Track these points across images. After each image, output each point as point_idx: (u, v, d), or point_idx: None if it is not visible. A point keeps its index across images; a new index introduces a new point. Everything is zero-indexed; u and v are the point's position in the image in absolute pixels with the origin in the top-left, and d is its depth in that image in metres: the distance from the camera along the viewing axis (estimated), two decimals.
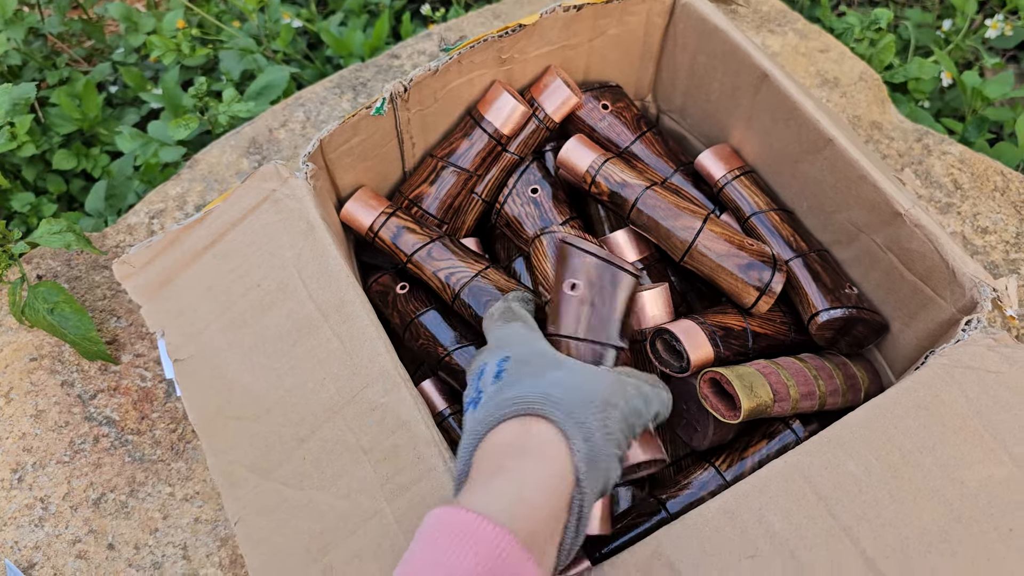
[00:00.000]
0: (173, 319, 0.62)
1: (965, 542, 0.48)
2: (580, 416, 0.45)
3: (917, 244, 0.60)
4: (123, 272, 0.64)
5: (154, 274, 0.64)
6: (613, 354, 0.53)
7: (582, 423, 0.45)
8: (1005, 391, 0.53)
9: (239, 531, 0.55)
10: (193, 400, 0.60)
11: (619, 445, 0.47)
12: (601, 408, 0.46)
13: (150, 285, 0.63)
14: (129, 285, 0.64)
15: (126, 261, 0.64)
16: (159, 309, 0.63)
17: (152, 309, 0.63)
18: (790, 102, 0.65)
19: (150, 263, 0.64)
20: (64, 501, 0.71)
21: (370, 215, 0.68)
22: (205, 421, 0.59)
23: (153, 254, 0.64)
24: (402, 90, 0.66)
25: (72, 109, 1.14)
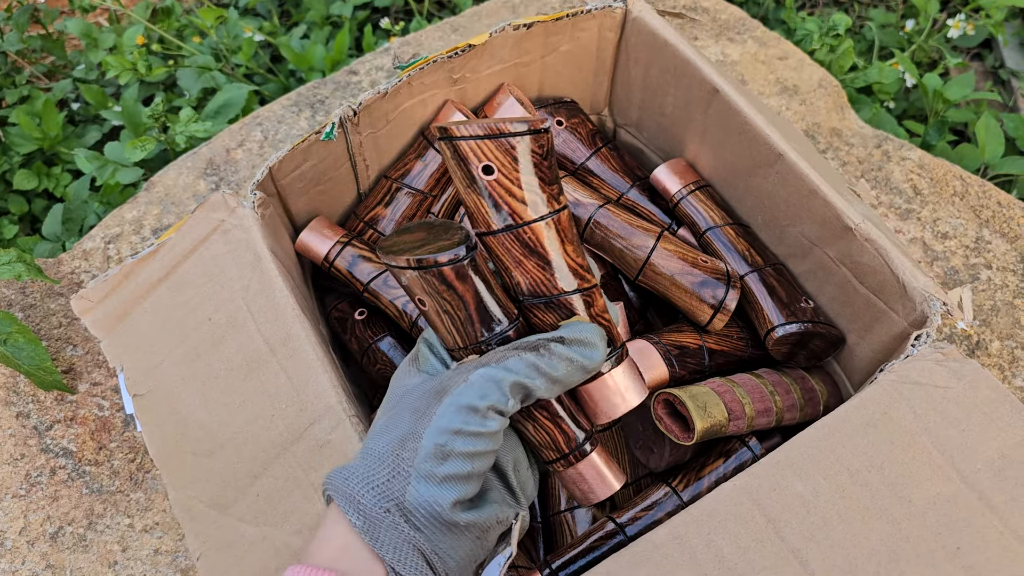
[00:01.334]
0: (131, 353, 0.62)
1: (913, 562, 0.48)
2: (351, 487, 0.41)
3: (868, 258, 0.60)
4: (81, 307, 0.63)
5: (111, 308, 0.63)
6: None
7: (350, 496, 0.41)
8: (953, 407, 0.53)
9: (201, 566, 0.55)
10: (153, 435, 0.59)
11: (428, 470, 0.41)
12: (392, 456, 0.42)
13: (108, 319, 0.63)
14: (88, 320, 0.63)
15: (84, 296, 0.63)
16: (118, 343, 0.63)
17: (111, 343, 0.62)
18: (740, 117, 0.65)
19: (107, 297, 0.63)
20: (20, 536, 0.70)
21: (325, 245, 0.68)
22: (165, 456, 0.59)
23: (110, 288, 0.63)
24: (351, 114, 0.65)
25: (32, 128, 1.13)
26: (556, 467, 0.49)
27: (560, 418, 0.48)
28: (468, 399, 0.42)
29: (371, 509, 0.40)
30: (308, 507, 0.53)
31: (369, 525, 0.40)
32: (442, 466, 0.41)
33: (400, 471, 0.42)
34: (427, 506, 0.41)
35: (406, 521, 0.41)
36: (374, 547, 0.40)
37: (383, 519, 0.40)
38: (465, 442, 0.42)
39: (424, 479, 0.41)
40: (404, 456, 0.42)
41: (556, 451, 0.48)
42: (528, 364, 0.43)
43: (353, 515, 0.40)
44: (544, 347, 0.44)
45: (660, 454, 0.61)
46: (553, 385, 0.44)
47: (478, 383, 0.42)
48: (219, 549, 0.55)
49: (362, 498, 0.41)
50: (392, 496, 0.41)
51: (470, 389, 0.42)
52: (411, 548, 0.40)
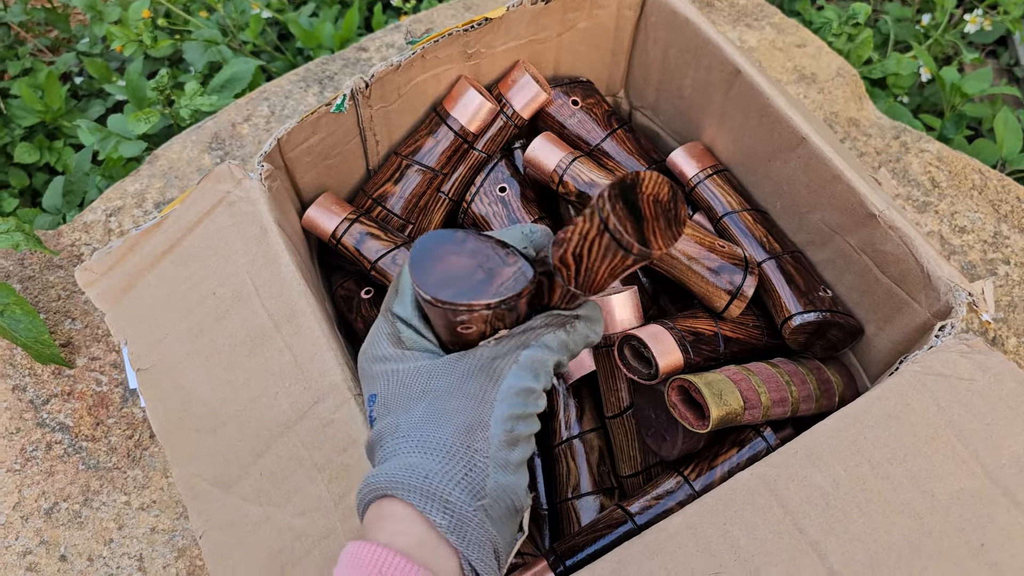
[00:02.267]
0: (135, 327, 0.60)
1: (935, 557, 0.47)
2: (435, 485, 0.39)
3: (891, 246, 0.58)
4: (85, 279, 0.62)
5: (115, 280, 0.62)
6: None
7: (434, 494, 0.39)
8: (978, 399, 0.51)
9: (204, 545, 0.54)
10: (156, 411, 0.58)
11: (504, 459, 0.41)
12: (463, 448, 0.40)
13: (112, 291, 0.61)
14: (92, 292, 0.61)
15: (88, 268, 0.62)
16: (122, 317, 0.61)
17: (115, 317, 0.61)
18: (763, 98, 0.63)
19: (111, 269, 0.62)
20: (14, 511, 0.68)
21: (332, 221, 0.66)
22: (167, 432, 0.57)
23: (114, 260, 0.62)
24: (363, 86, 0.63)
25: (34, 101, 1.11)
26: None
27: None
28: (526, 382, 0.42)
29: (461, 508, 0.39)
30: (311, 488, 0.51)
31: (457, 524, 0.38)
32: (513, 452, 0.41)
33: (476, 464, 0.40)
34: (506, 496, 0.40)
35: (488, 518, 0.39)
36: (459, 546, 0.38)
37: (472, 517, 0.39)
38: (526, 425, 0.42)
39: (502, 469, 0.40)
40: (477, 447, 0.40)
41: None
42: (560, 342, 0.44)
43: (438, 514, 0.38)
44: (570, 325, 0.45)
45: (672, 442, 0.60)
46: (571, 359, 0.46)
47: (529, 365, 0.43)
48: (222, 528, 0.53)
49: (450, 496, 0.39)
50: (476, 491, 0.39)
51: (525, 372, 0.42)
52: (490, 543, 0.39)
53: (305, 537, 0.50)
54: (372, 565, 0.36)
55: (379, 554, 0.37)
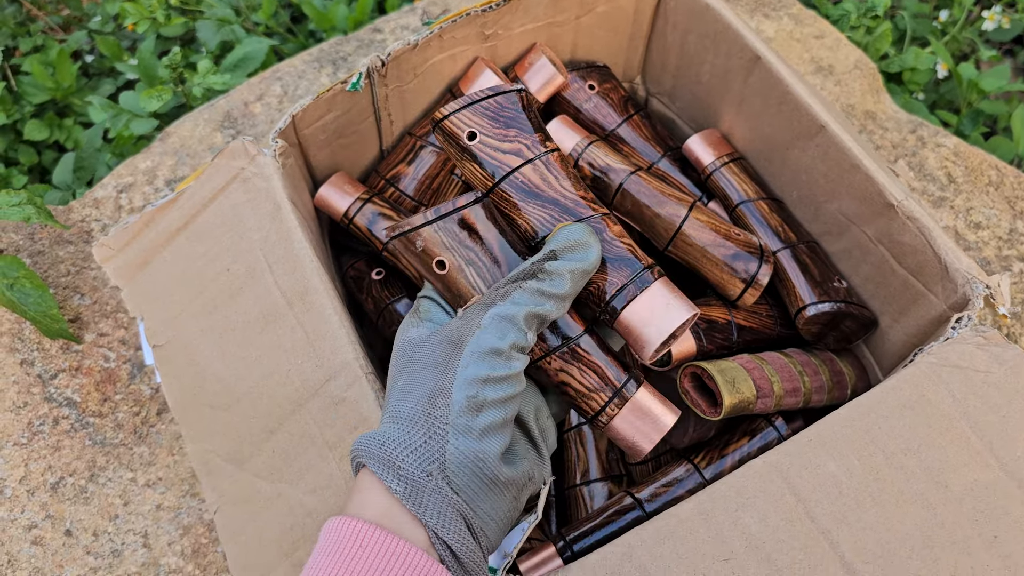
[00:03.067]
0: (151, 303, 0.60)
1: (948, 548, 0.46)
2: (391, 452, 0.39)
3: (909, 237, 0.58)
4: (103, 255, 0.62)
5: (132, 256, 0.61)
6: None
7: (389, 461, 0.39)
8: (994, 392, 0.51)
9: (218, 520, 0.54)
10: (171, 386, 0.58)
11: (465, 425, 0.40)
12: (424, 416, 0.40)
13: (129, 267, 0.61)
14: (109, 268, 0.61)
15: (105, 244, 0.62)
16: (138, 292, 0.61)
17: (132, 292, 0.61)
18: (782, 86, 0.63)
19: (128, 245, 0.62)
20: (20, 485, 0.68)
21: (345, 201, 0.66)
22: (182, 408, 0.58)
23: (130, 236, 0.62)
24: (379, 65, 0.63)
25: (45, 78, 1.10)
26: (604, 416, 0.46)
27: (601, 354, 0.47)
28: (489, 343, 0.40)
29: (413, 473, 0.39)
30: (323, 466, 0.51)
31: (411, 490, 0.38)
32: (478, 418, 0.40)
33: (436, 431, 0.39)
34: (471, 463, 0.39)
35: (448, 484, 0.39)
36: (416, 512, 0.38)
37: (426, 483, 0.38)
38: (496, 389, 0.40)
39: (463, 435, 0.39)
40: (436, 415, 0.40)
41: (608, 390, 0.46)
42: (532, 292, 0.42)
43: (393, 481, 0.38)
44: (540, 270, 0.43)
45: (683, 430, 0.59)
46: (563, 302, 0.43)
47: (493, 325, 0.41)
48: (235, 504, 0.53)
49: (403, 463, 0.39)
50: (433, 458, 0.39)
51: (488, 333, 0.41)
52: (454, 512, 0.38)
53: (316, 515, 0.50)
54: (349, 538, 0.37)
55: (353, 526, 0.37)
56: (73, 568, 0.65)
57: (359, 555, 0.37)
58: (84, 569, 0.65)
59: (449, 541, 0.38)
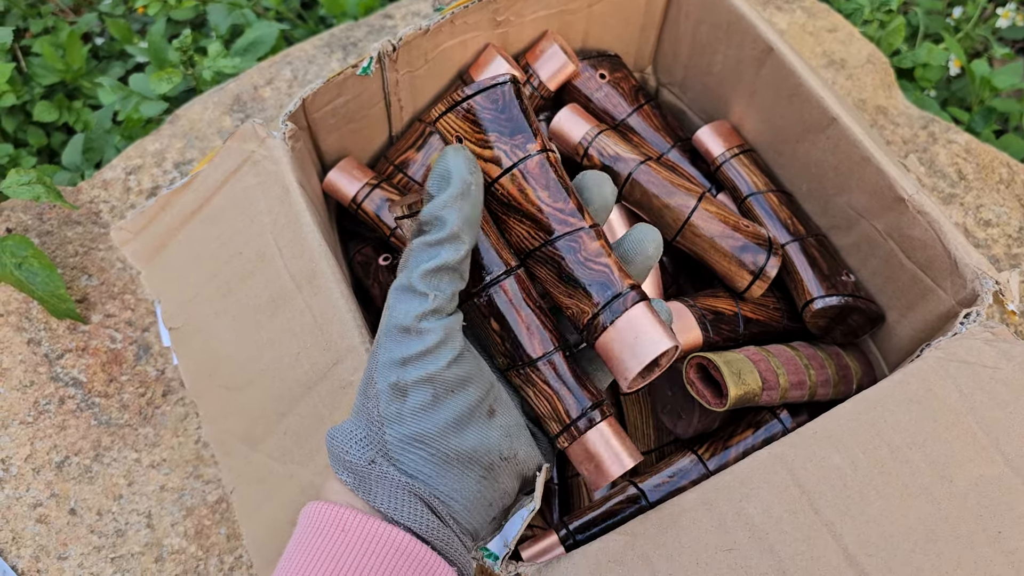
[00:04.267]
0: (167, 285, 0.61)
1: (951, 543, 0.46)
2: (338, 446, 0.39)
3: (919, 232, 0.57)
4: (121, 238, 0.62)
5: (149, 239, 0.62)
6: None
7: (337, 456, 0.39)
8: (1001, 388, 0.50)
9: (235, 500, 0.55)
10: (188, 368, 0.59)
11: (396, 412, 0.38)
12: (363, 408, 0.39)
13: (146, 250, 0.62)
14: (127, 251, 0.62)
15: (123, 227, 0.62)
16: (155, 275, 0.61)
17: (149, 275, 0.61)
18: (794, 78, 0.62)
19: (145, 228, 0.62)
20: (26, 463, 0.68)
21: (353, 186, 0.66)
22: (199, 389, 0.58)
23: (147, 219, 0.62)
24: (391, 49, 0.63)
25: (55, 59, 1.10)
26: (560, 442, 0.44)
27: (561, 383, 0.44)
28: (395, 321, 0.39)
29: (357, 464, 0.38)
30: None
31: (359, 480, 0.38)
32: (406, 403, 0.38)
33: (373, 420, 0.39)
34: (413, 447, 0.38)
35: (396, 469, 0.38)
36: (367, 499, 0.38)
37: (370, 471, 0.38)
38: (416, 368, 0.38)
39: (396, 423, 0.38)
40: (370, 406, 0.39)
41: (558, 422, 0.44)
42: (420, 248, 0.39)
43: (343, 473, 0.39)
44: (423, 222, 0.40)
45: (688, 420, 0.59)
46: (457, 240, 0.39)
47: (393, 300, 0.39)
48: (250, 484, 0.54)
49: (347, 455, 0.39)
50: (375, 445, 0.39)
51: (391, 311, 0.39)
52: (406, 494, 0.38)
53: None
54: (331, 522, 0.37)
55: (330, 510, 0.37)
56: (77, 546, 0.66)
57: (342, 538, 0.37)
58: (88, 548, 0.66)
59: (407, 523, 0.37)
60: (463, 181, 0.39)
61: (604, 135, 0.65)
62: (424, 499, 0.38)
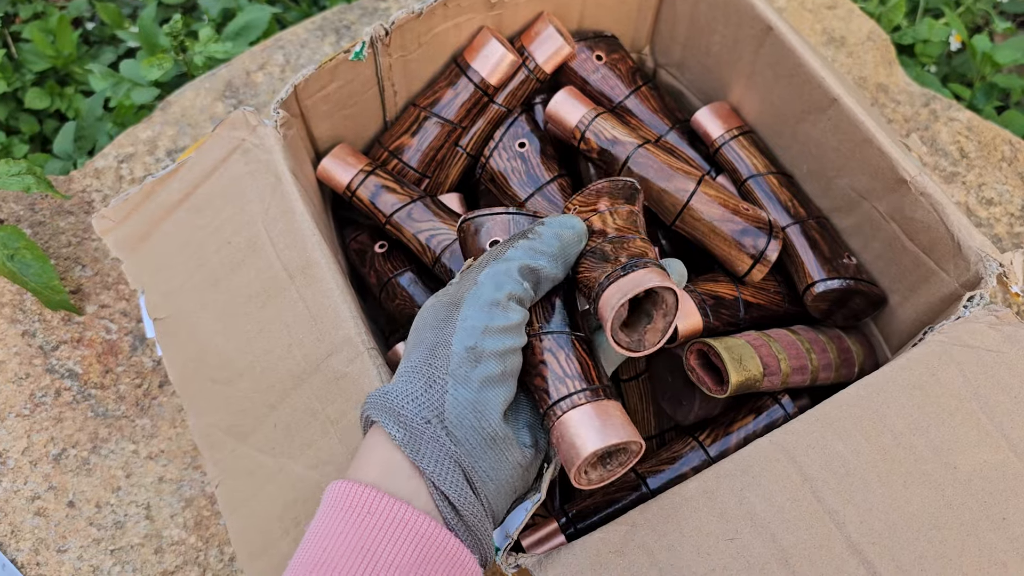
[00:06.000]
0: (152, 275, 0.60)
1: (955, 529, 0.46)
2: (392, 401, 0.40)
3: (922, 213, 0.57)
4: (103, 226, 0.61)
5: (133, 228, 0.61)
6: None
7: (391, 408, 0.39)
8: (1005, 372, 0.50)
9: (219, 494, 0.54)
10: (173, 360, 0.58)
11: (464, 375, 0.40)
12: (425, 367, 0.40)
13: (129, 240, 0.61)
14: (109, 240, 0.61)
15: (105, 215, 0.61)
16: (139, 265, 0.60)
17: (132, 265, 0.60)
18: (794, 57, 0.61)
19: (128, 217, 0.61)
20: (23, 456, 0.68)
21: (348, 173, 0.65)
22: (184, 382, 0.57)
23: (131, 208, 0.61)
24: (383, 33, 0.61)
25: (46, 45, 1.09)
26: (547, 421, 0.42)
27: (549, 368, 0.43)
28: (486, 295, 0.41)
29: (412, 420, 0.39)
30: (324, 441, 0.51)
31: (410, 437, 0.38)
32: (477, 368, 0.40)
33: (436, 380, 0.40)
34: (469, 414, 0.39)
35: (447, 434, 0.39)
36: (415, 459, 0.38)
37: (424, 430, 0.38)
38: (495, 340, 0.40)
39: (461, 384, 0.39)
40: (436, 364, 0.40)
41: (542, 402, 0.42)
42: (525, 248, 0.43)
43: (394, 428, 0.39)
44: (531, 231, 0.44)
45: (689, 407, 0.59)
46: (554, 260, 0.44)
47: (490, 279, 0.42)
48: (237, 478, 0.53)
49: (402, 410, 0.39)
50: (432, 406, 0.39)
51: (484, 288, 0.41)
52: (452, 462, 0.38)
53: (319, 489, 0.50)
54: (357, 503, 0.37)
55: (359, 492, 0.37)
56: (76, 539, 0.65)
57: (368, 521, 0.36)
58: (87, 540, 0.65)
59: (447, 491, 0.38)
60: (578, 230, 0.45)
61: (601, 118, 0.64)
62: (466, 471, 0.39)
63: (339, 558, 0.36)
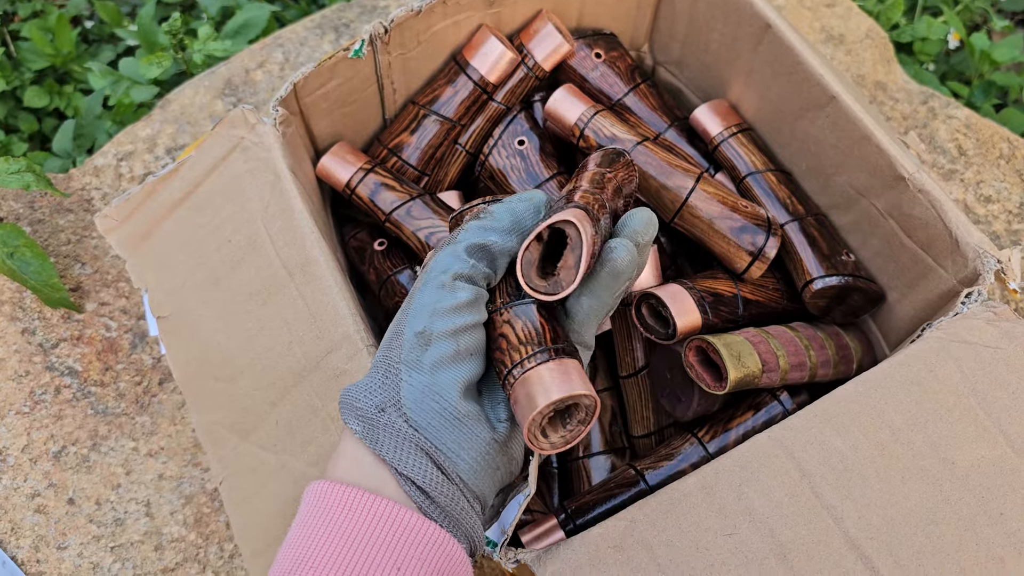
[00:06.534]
0: (155, 274, 0.60)
1: (953, 525, 0.46)
2: (351, 396, 0.41)
3: (920, 210, 0.57)
4: (106, 226, 0.61)
5: (135, 227, 0.61)
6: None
7: (350, 404, 0.40)
8: (1003, 368, 0.50)
9: (223, 491, 0.54)
10: (176, 358, 0.58)
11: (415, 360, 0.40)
12: (383, 360, 0.41)
13: (132, 238, 0.61)
14: (113, 239, 0.61)
15: (108, 215, 0.61)
16: (142, 263, 0.61)
17: (136, 264, 0.60)
18: (793, 55, 0.61)
19: (131, 216, 0.61)
20: (23, 453, 0.68)
21: (347, 171, 0.65)
22: (188, 379, 0.58)
23: (133, 207, 0.61)
24: (382, 31, 0.62)
25: (44, 44, 1.09)
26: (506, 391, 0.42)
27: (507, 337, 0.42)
28: (433, 279, 0.41)
29: (367, 411, 0.39)
30: (325, 438, 0.51)
31: (368, 428, 0.39)
32: (428, 351, 0.40)
33: (391, 370, 0.40)
34: (425, 397, 0.39)
35: (404, 420, 0.39)
36: (374, 448, 0.39)
37: (379, 419, 0.39)
38: (443, 320, 0.40)
39: (414, 369, 0.40)
40: (392, 355, 0.41)
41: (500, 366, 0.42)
42: (474, 228, 0.43)
43: (353, 421, 0.40)
44: (485, 211, 0.44)
45: (687, 403, 0.59)
46: (507, 233, 0.43)
47: (436, 263, 0.42)
48: (240, 475, 0.53)
49: (358, 403, 0.40)
50: (388, 395, 0.40)
51: (431, 272, 0.42)
52: (412, 446, 0.38)
53: None
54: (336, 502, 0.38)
55: (335, 490, 0.38)
56: (76, 536, 0.65)
57: (348, 518, 0.37)
58: (87, 537, 0.65)
59: (411, 475, 0.38)
60: (535, 199, 0.44)
61: (600, 116, 0.64)
62: (429, 453, 0.39)
63: (315, 553, 0.36)
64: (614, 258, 0.42)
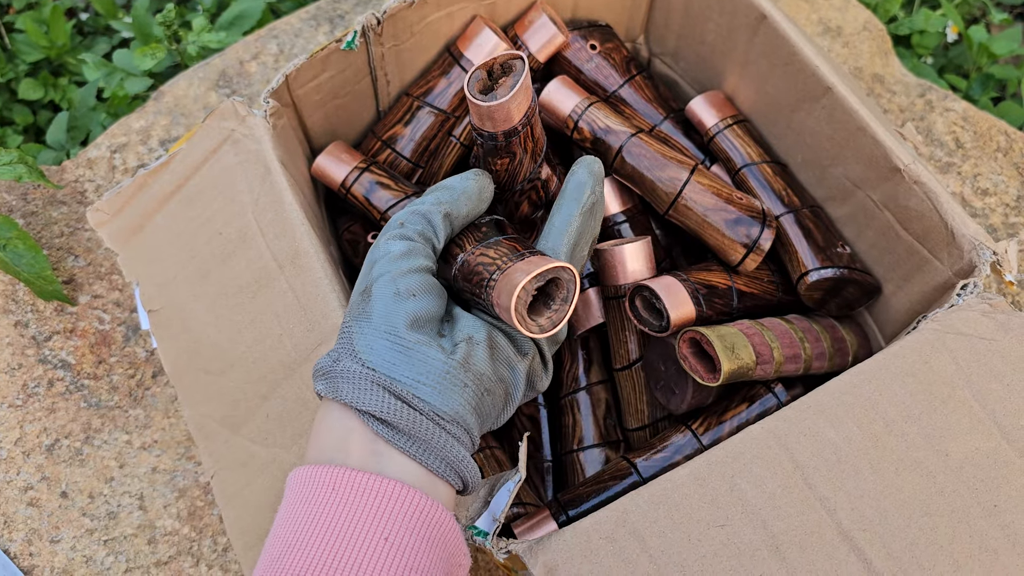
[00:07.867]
0: (146, 267, 0.60)
1: (946, 516, 0.46)
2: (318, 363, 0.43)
3: (916, 202, 0.57)
4: (97, 219, 0.61)
5: (127, 221, 0.61)
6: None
7: (316, 369, 0.43)
8: (998, 360, 0.50)
9: (215, 485, 0.54)
10: (167, 352, 0.58)
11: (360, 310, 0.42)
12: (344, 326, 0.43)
13: (123, 232, 0.60)
14: (104, 233, 0.61)
15: (99, 208, 0.61)
16: (133, 257, 0.60)
17: (127, 257, 0.60)
18: (788, 46, 0.61)
19: (122, 209, 0.61)
20: (16, 446, 0.68)
21: (342, 170, 0.64)
22: (179, 373, 0.57)
23: (124, 200, 0.61)
24: (375, 23, 0.61)
25: (39, 36, 1.08)
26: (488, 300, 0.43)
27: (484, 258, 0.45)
28: (380, 240, 0.45)
29: (325, 365, 0.41)
30: None
31: (329, 382, 0.40)
32: (369, 300, 0.42)
33: (344, 331, 0.42)
34: (376, 340, 0.41)
35: (360, 364, 0.40)
36: (335, 396, 0.40)
37: (335, 368, 0.40)
38: (382, 266, 0.43)
39: (362, 320, 0.42)
40: (345, 321, 0.43)
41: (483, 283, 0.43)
42: (425, 196, 0.47)
43: (318, 383, 0.41)
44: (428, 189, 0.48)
45: (681, 396, 0.59)
46: (453, 191, 0.47)
47: (384, 229, 0.46)
48: (231, 468, 0.53)
49: (320, 364, 0.42)
50: (344, 348, 0.42)
51: (380, 237, 0.45)
52: (368, 383, 0.39)
53: None
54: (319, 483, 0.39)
55: (316, 471, 0.39)
56: (69, 529, 0.65)
57: (332, 497, 0.38)
58: (80, 531, 0.65)
59: (370, 409, 0.39)
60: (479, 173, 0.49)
61: (595, 107, 0.63)
62: (386, 386, 0.40)
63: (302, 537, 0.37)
64: (574, 170, 0.47)
